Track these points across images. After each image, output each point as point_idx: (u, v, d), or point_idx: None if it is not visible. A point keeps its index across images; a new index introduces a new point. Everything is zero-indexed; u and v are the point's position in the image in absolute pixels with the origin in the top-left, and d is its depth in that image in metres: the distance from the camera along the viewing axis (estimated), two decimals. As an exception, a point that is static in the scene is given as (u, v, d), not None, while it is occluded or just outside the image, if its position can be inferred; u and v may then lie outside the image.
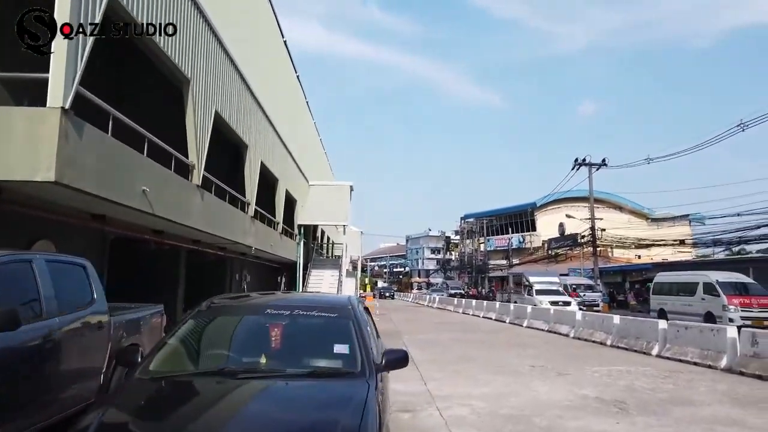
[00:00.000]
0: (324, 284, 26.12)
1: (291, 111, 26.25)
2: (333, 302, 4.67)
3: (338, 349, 3.58)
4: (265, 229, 17.67)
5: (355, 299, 4.46)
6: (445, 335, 16.69)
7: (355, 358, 3.48)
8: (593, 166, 35.79)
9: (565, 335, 16.95)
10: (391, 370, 3.77)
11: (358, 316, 3.91)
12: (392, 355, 3.69)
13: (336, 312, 3.96)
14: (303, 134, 31.39)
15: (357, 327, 3.74)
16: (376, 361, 3.58)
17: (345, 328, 3.76)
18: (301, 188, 25.98)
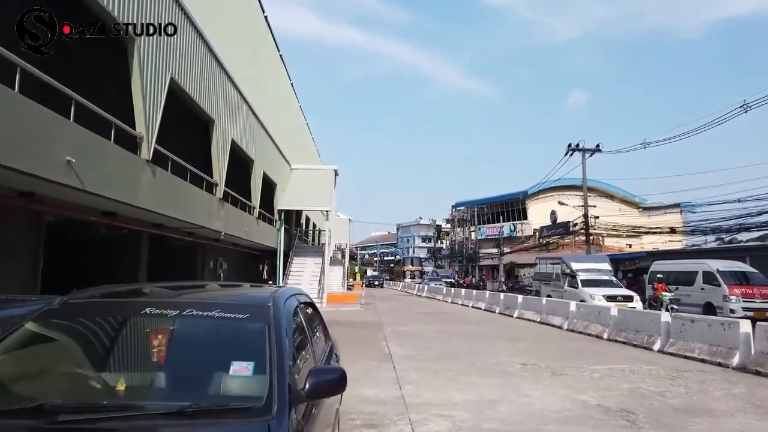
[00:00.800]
0: (306, 272, 24.93)
1: (272, 91, 24.87)
2: (246, 299, 3.43)
3: (237, 369, 2.38)
4: (237, 212, 16.40)
5: (286, 293, 3.23)
6: (430, 327, 15.58)
7: (261, 383, 2.28)
8: (587, 152, 34.73)
9: (558, 327, 15.91)
10: (318, 398, 2.56)
11: (279, 318, 2.69)
12: (320, 377, 2.48)
13: (247, 312, 2.74)
14: (287, 117, 30.01)
15: (273, 335, 2.53)
16: (298, 386, 2.39)
17: (254, 336, 2.56)
18: (282, 172, 24.66)
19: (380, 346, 11.22)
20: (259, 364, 2.38)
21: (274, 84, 25.76)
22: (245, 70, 18.02)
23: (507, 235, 62.27)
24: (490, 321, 18.44)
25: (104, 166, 7.98)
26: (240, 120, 15.96)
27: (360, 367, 8.55)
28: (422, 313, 22.06)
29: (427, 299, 35.64)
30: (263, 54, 23.25)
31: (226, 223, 15.04)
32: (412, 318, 19.24)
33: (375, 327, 15.18)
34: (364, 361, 9.18)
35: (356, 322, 17.20)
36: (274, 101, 25.24)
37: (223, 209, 14.62)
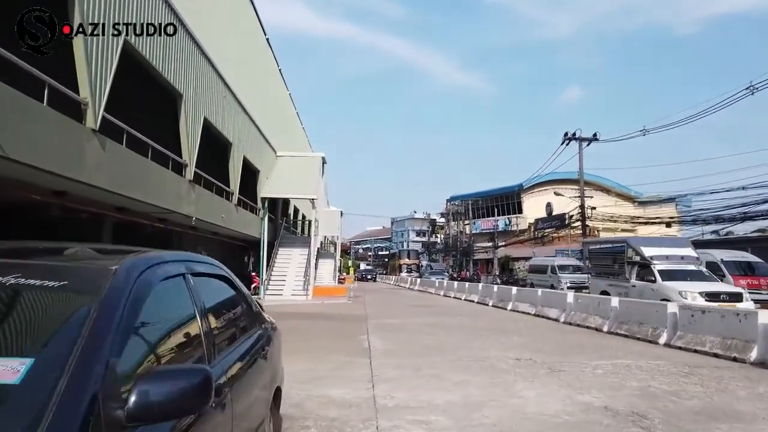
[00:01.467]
0: (292, 264, 23.87)
1: (257, 76, 23.70)
2: (81, 263, 2.19)
3: (3, 372, 1.32)
4: (212, 197, 15.30)
5: (158, 258, 2.11)
6: (418, 320, 14.58)
7: (33, 400, 1.24)
8: (583, 141, 33.76)
9: (555, 320, 14.94)
10: (153, 421, 1.49)
11: (119, 293, 1.63)
12: (157, 386, 1.42)
13: (64, 279, 1.67)
14: (274, 104, 28.86)
15: (99, 318, 1.49)
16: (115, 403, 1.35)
17: (57, 318, 1.53)
18: (267, 158, 23.54)
19: (359, 340, 10.20)
20: (46, 364, 1.34)
21: (260, 68, 24.62)
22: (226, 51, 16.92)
23: (502, 229, 61.45)
24: (482, 313, 17.47)
25: (32, 130, 6.88)
26: (215, 98, 14.85)
27: (330, 364, 7.53)
28: (412, 305, 21.07)
29: (420, 292, 34.69)
30: (247, 36, 22.11)
31: (199, 208, 13.96)
32: (400, 311, 18.24)
33: (358, 320, 14.17)
34: (337, 356, 8.16)
35: (339, 314, 16.19)
36: (259, 86, 24.12)
37: (195, 192, 13.53)
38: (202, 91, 13.71)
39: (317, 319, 14.75)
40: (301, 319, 14.60)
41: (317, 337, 10.54)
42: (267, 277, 22.45)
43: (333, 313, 16.54)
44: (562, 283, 29.22)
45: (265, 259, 22.42)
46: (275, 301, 21.12)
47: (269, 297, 21.88)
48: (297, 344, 9.50)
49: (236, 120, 17.43)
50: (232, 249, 23.81)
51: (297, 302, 20.94)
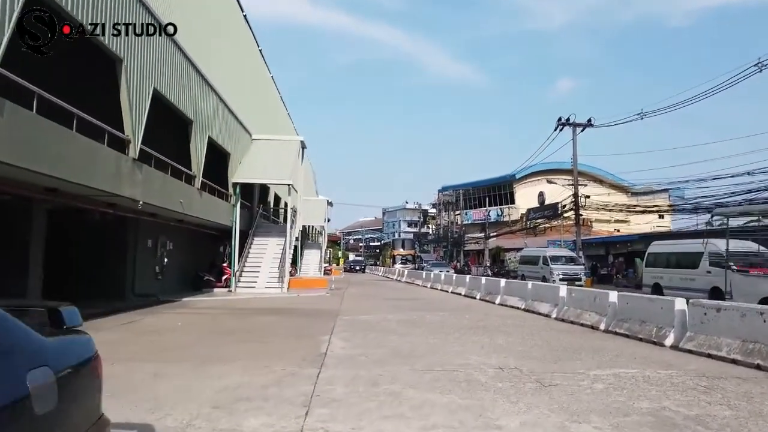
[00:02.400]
0: (268, 255, 22.36)
1: (231, 53, 21.97)
2: None
3: None
4: (166, 179, 13.73)
5: None
6: (396, 315, 13.14)
7: None
8: (578, 127, 32.32)
9: (546, 315, 13.57)
10: None
11: None
12: None
13: None
14: (252, 85, 27.17)
15: None
16: None
17: None
18: (240, 141, 21.94)
19: (319, 342, 8.73)
20: None
21: (235, 46, 22.88)
22: (190, 20, 15.26)
23: (494, 220, 60.29)
24: (467, 308, 16.07)
25: None
26: (168, 66, 13.22)
27: (268, 377, 6.06)
28: (394, 299, 19.66)
29: (407, 284, 33.35)
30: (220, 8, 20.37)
31: (148, 191, 12.39)
32: (379, 305, 16.81)
33: (328, 316, 12.71)
34: (282, 365, 6.69)
35: (309, 309, 14.74)
36: (234, 65, 22.43)
37: (141, 173, 11.95)
38: (149, 56, 12.09)
39: (283, 314, 13.29)
40: (265, 314, 13.13)
41: (271, 339, 9.08)
42: (239, 269, 20.93)
43: (304, 308, 15.09)
44: (554, 275, 27.95)
45: (236, 249, 20.88)
46: (247, 294, 19.65)
47: (241, 290, 20.39)
48: (242, 347, 8.04)
49: (199, 95, 15.81)
50: (203, 238, 22.25)
51: (270, 295, 19.47)
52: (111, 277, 15.40)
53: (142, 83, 11.77)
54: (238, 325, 11.11)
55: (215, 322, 11.50)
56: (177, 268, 19.94)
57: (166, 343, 8.47)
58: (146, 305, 14.59)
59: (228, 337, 9.15)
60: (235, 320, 11.97)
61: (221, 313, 13.25)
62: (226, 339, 8.95)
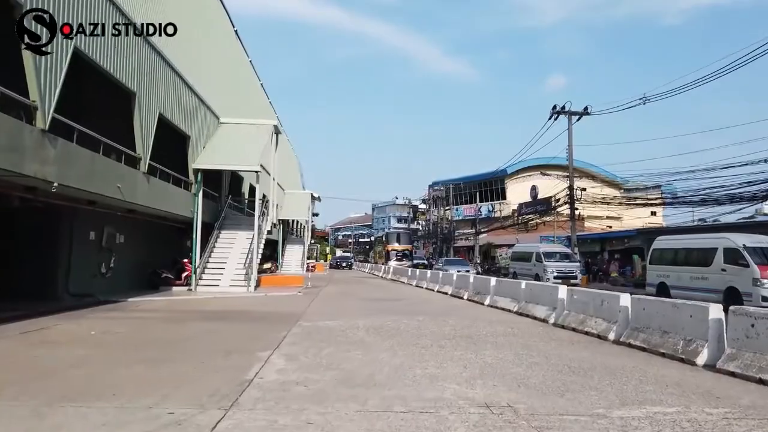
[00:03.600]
0: (236, 249, 20.26)
1: (199, 30, 19.78)
2: None
3: None
4: (95, 159, 11.58)
5: None
6: (367, 321, 11.13)
7: None
8: (573, 115, 30.48)
9: (542, 321, 11.65)
10: None
11: None
12: None
13: None
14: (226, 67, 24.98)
15: None
16: None
17: None
18: (203, 124, 19.80)
19: (252, 361, 6.71)
20: None
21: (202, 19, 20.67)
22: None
23: (485, 216, 58.56)
24: (452, 310, 14.12)
25: None
26: (98, 24, 11.06)
27: (135, 430, 4.03)
28: (372, 299, 17.67)
29: (391, 282, 31.39)
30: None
31: (67, 170, 10.27)
32: (353, 307, 14.82)
33: (287, 321, 10.68)
34: (172, 404, 4.66)
35: (269, 313, 12.72)
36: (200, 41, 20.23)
37: (55, 148, 9.81)
38: (72, 10, 9.95)
39: (232, 319, 11.24)
40: (210, 320, 11.08)
41: (191, 356, 7.05)
42: (201, 265, 18.83)
43: (263, 311, 13.05)
44: (548, 273, 26.13)
45: (198, 243, 18.77)
46: (208, 293, 17.56)
47: (203, 289, 18.30)
48: (141, 371, 6.01)
49: (144, 64, 13.67)
50: (166, 231, 20.09)
51: (234, 295, 17.40)
52: (40, 274, 13.28)
53: (58, 42, 9.62)
54: (166, 334, 9.06)
55: (139, 331, 9.44)
56: (130, 264, 17.81)
57: (45, 364, 6.41)
58: (79, 307, 12.50)
59: (137, 354, 7.11)
60: (167, 328, 9.90)
61: (157, 318, 11.17)
62: (133, 356, 6.90)
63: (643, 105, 25.19)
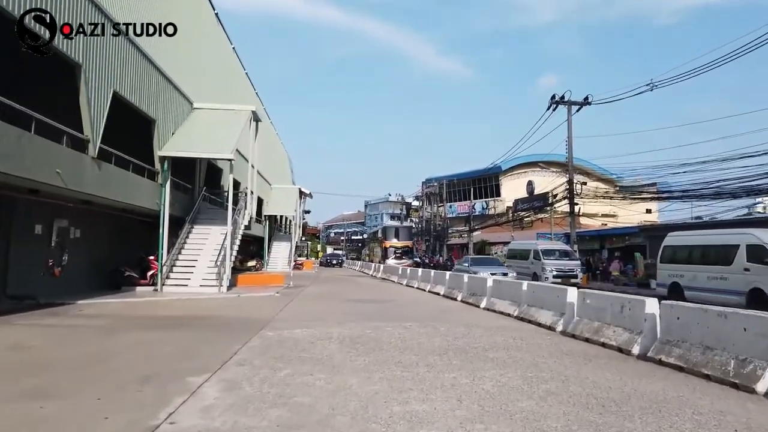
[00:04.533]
0: (208, 246, 18.53)
1: (170, 9, 17.94)
2: None
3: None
4: (23, 138, 9.80)
5: None
6: (344, 329, 9.48)
7: None
8: (573, 105, 28.90)
9: (549, 328, 10.05)
10: None
11: None
12: None
13: None
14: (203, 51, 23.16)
15: None
16: None
17: None
18: (173, 108, 18.03)
19: (172, 392, 5.03)
20: None
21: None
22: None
23: (479, 213, 57.10)
24: (445, 315, 12.49)
25: None
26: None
27: None
28: (356, 300, 16.02)
29: (381, 281, 29.74)
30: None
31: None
32: (332, 310, 13.16)
33: (248, 329, 9.01)
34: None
35: (232, 318, 11.03)
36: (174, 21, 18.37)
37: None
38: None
39: (184, 328, 9.53)
40: (157, 328, 9.37)
41: (96, 384, 5.34)
42: (168, 262, 17.09)
43: (227, 316, 11.36)
44: (547, 272, 24.59)
45: (165, 238, 17.02)
46: (175, 294, 15.84)
47: (170, 289, 16.57)
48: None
49: (92, 31, 11.88)
50: (130, 226, 18.33)
51: (203, 296, 15.69)
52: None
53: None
54: (85, 350, 7.35)
55: (56, 345, 7.72)
56: (89, 262, 16.08)
57: None
58: (14, 311, 10.80)
59: (23, 382, 5.40)
60: (94, 340, 8.18)
61: (92, 327, 9.45)
62: (14, 387, 5.20)
63: (650, 91, 23.59)
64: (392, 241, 51.69)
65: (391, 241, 51.78)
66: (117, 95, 13.49)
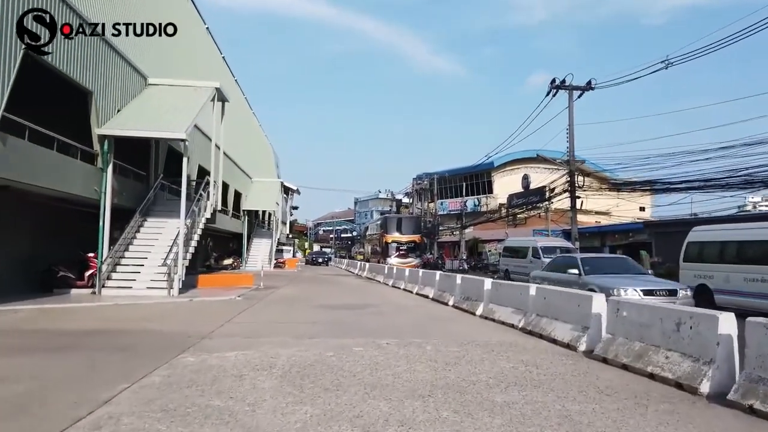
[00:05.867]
0: (163, 240, 16.01)
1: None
2: None
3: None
4: None
5: None
6: (298, 351, 7.05)
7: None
8: (575, 90, 26.63)
9: (568, 346, 7.70)
10: None
11: None
12: None
13: None
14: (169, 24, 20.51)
15: None
16: None
17: None
18: (118, 80, 15.48)
19: None
20: None
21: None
22: None
23: (471, 210, 54.82)
24: (433, 327, 10.08)
25: None
26: None
27: None
28: (330, 306, 13.56)
29: (366, 281, 27.31)
30: None
31: None
32: (294, 320, 10.73)
33: (162, 351, 6.56)
34: None
35: (154, 332, 8.53)
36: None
37: None
38: None
39: (74, 350, 6.99)
40: (34, 352, 6.88)
41: None
42: (111, 261, 14.55)
43: (153, 330, 8.87)
44: (547, 271, 22.24)
45: (106, 231, 14.48)
46: (116, 297, 13.33)
47: (111, 292, 14.05)
48: None
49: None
50: (67, 218, 15.77)
51: (148, 301, 13.18)
52: None
53: None
54: None
55: None
56: (9, 259, 13.53)
57: None
58: None
59: None
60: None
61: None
62: None
63: (665, 69, 21.29)
64: (394, 234, 40.52)
65: (392, 234, 40.58)
66: (32, 57, 10.91)
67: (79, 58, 13.06)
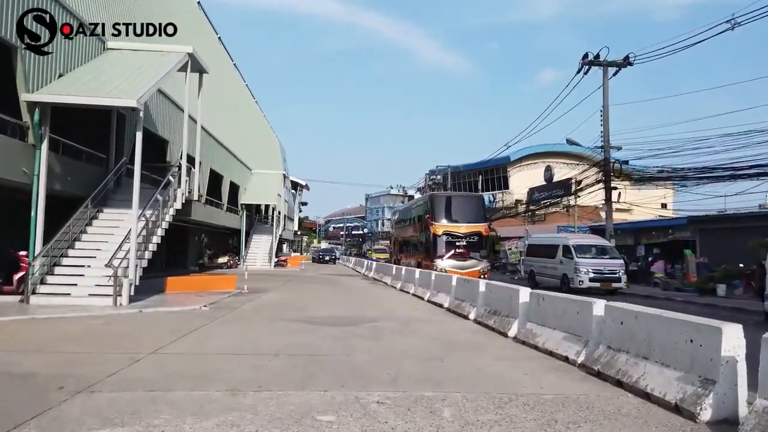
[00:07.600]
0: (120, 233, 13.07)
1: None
2: None
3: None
4: None
5: None
6: (247, 404, 4.04)
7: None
8: (610, 66, 23.27)
9: (676, 411, 4.54)
10: None
11: None
12: None
13: None
14: None
15: None
16: None
17: None
18: (67, 42, 12.59)
19: None
20: None
21: None
22: None
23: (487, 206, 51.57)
24: (449, 362, 6.97)
25: None
26: None
27: None
28: (315, 322, 10.47)
29: (372, 283, 24.26)
30: None
31: None
32: (255, 350, 7.71)
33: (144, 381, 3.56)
34: None
35: (4, 375, 5.48)
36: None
37: None
38: None
39: None
40: None
41: None
42: (44, 261, 11.65)
43: (12, 372, 5.89)
44: (581, 274, 19.20)
45: (40, 225, 11.61)
46: (44, 308, 10.42)
47: (43, 300, 11.14)
48: None
49: None
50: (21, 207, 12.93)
51: (84, 313, 10.25)
52: None
53: None
54: None
55: None
56: None
57: None
58: None
59: None
60: None
61: None
62: None
63: (731, 31, 17.85)
64: (442, 221, 24.39)
65: (441, 221, 24.39)
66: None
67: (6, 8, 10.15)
